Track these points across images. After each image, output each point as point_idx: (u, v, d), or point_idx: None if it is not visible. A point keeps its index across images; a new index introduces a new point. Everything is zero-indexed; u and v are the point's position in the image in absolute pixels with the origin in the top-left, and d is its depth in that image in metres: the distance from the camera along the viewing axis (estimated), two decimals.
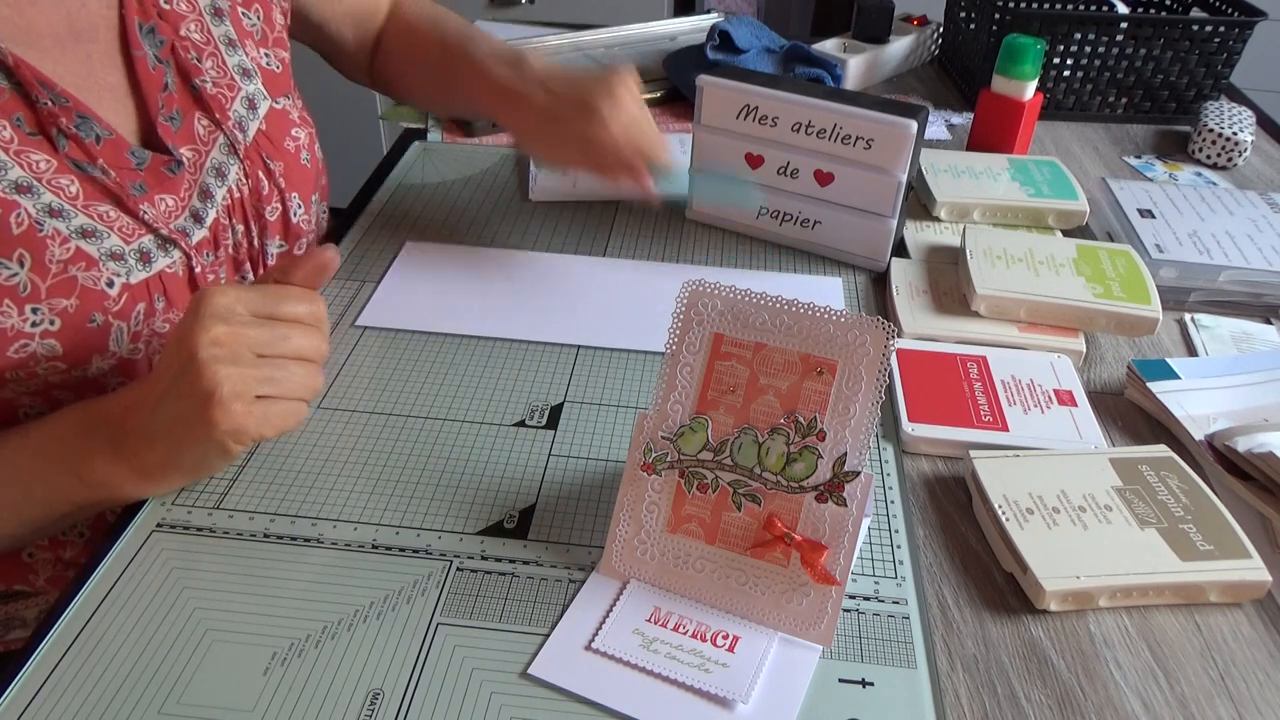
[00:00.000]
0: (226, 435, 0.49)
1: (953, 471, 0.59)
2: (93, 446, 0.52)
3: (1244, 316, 0.74)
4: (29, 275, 0.54)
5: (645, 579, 0.50)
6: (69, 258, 0.56)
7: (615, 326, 0.70)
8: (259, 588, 0.49)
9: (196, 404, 0.49)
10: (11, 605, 0.67)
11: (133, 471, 0.52)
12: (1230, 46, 1.02)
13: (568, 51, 1.16)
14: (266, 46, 0.71)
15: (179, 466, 0.52)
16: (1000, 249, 0.73)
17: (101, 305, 0.57)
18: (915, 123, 0.71)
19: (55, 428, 0.54)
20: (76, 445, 0.52)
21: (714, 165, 0.80)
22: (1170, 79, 1.05)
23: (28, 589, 0.66)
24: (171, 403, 0.50)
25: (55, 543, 0.65)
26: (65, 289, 0.56)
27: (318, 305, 0.54)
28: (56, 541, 0.65)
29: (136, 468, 0.52)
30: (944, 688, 0.46)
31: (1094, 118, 1.07)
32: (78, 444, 0.52)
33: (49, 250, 0.55)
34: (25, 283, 0.54)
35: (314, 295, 0.54)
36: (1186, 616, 0.50)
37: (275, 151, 0.70)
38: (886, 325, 0.46)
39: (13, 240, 0.54)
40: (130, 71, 0.61)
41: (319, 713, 0.44)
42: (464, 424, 0.61)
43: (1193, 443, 0.60)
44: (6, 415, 0.58)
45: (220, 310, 0.50)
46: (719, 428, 0.49)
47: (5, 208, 0.53)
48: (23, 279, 0.54)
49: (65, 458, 0.52)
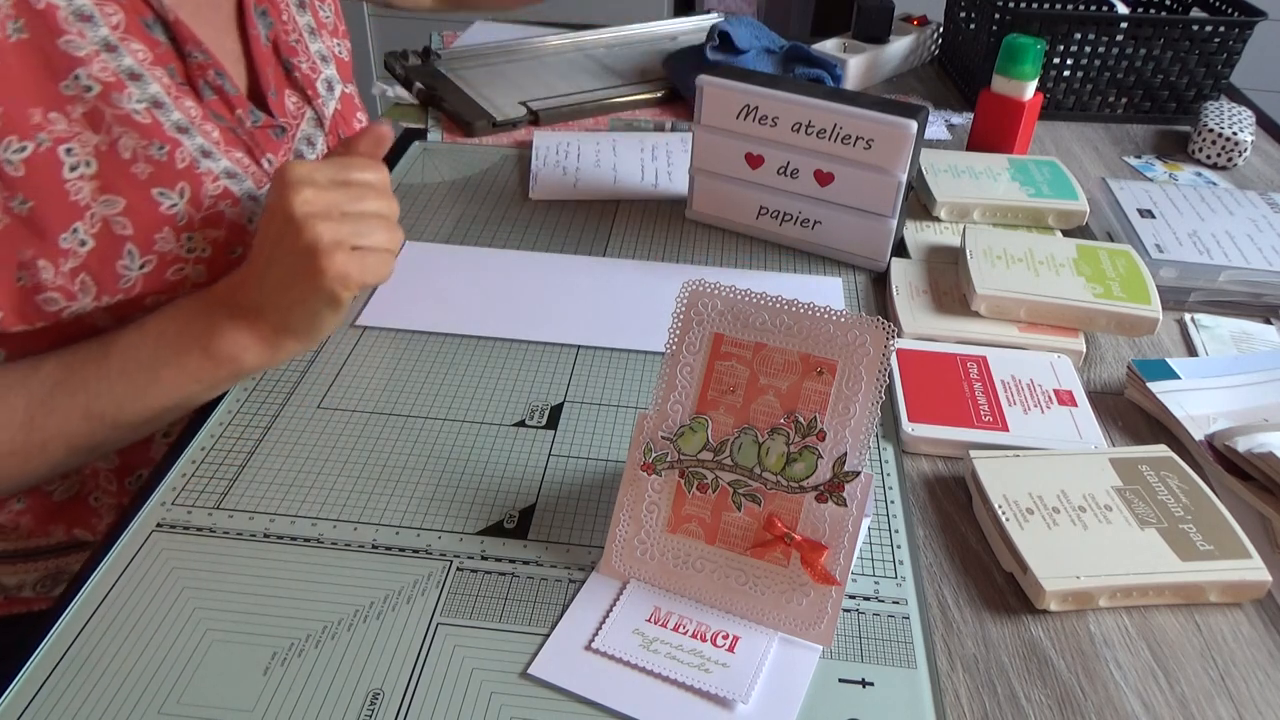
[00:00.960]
0: (334, 281, 0.55)
1: (953, 471, 0.59)
2: (214, 322, 0.58)
3: (1244, 316, 0.74)
4: (187, 206, 0.61)
5: (645, 579, 0.50)
6: (218, 194, 0.62)
7: (615, 326, 0.70)
8: (259, 588, 0.49)
9: (301, 258, 0.55)
10: (63, 559, 0.70)
11: (252, 340, 0.58)
12: (1230, 46, 1.02)
13: (568, 51, 1.17)
14: (337, 37, 0.79)
15: (291, 329, 0.58)
16: (1000, 249, 0.73)
17: (243, 239, 0.64)
18: (915, 123, 0.71)
19: (173, 315, 0.58)
20: (199, 325, 0.58)
21: (714, 165, 0.80)
22: (1170, 79, 1.05)
23: (86, 536, 0.69)
24: (277, 265, 0.56)
25: (121, 490, 0.69)
26: (215, 221, 0.62)
27: (382, 171, 0.60)
28: (122, 489, 0.69)
29: (255, 337, 0.58)
30: (944, 688, 0.46)
31: (1094, 118, 1.07)
32: (200, 323, 0.58)
33: (204, 186, 0.61)
34: (183, 213, 0.60)
35: (377, 163, 0.60)
36: (1186, 616, 0.50)
37: (347, 129, 0.77)
38: (886, 325, 0.46)
39: (177, 174, 0.60)
40: (244, 43, 0.68)
41: (319, 713, 0.44)
42: (464, 424, 0.61)
43: (1193, 443, 0.60)
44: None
45: (303, 177, 0.55)
46: (719, 428, 0.49)
47: (172, 145, 0.60)
48: (181, 210, 0.60)
49: (191, 338, 0.57)
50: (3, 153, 0.53)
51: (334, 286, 0.55)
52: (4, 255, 0.55)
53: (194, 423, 0.60)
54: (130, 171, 0.58)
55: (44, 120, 0.55)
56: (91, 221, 0.57)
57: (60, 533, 0.69)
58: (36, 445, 0.56)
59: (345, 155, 0.59)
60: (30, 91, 0.54)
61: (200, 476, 0.56)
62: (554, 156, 0.92)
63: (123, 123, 0.57)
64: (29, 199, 0.55)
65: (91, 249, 0.57)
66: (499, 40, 1.16)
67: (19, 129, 0.54)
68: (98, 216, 0.57)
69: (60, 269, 0.56)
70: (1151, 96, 1.06)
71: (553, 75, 1.10)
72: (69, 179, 0.56)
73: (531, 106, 1.01)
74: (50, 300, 0.57)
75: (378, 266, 0.57)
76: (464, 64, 1.11)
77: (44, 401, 0.56)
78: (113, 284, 0.58)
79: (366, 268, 0.56)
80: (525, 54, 1.15)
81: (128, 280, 0.59)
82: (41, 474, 0.59)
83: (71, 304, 0.58)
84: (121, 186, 0.58)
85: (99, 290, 0.58)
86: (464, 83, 1.06)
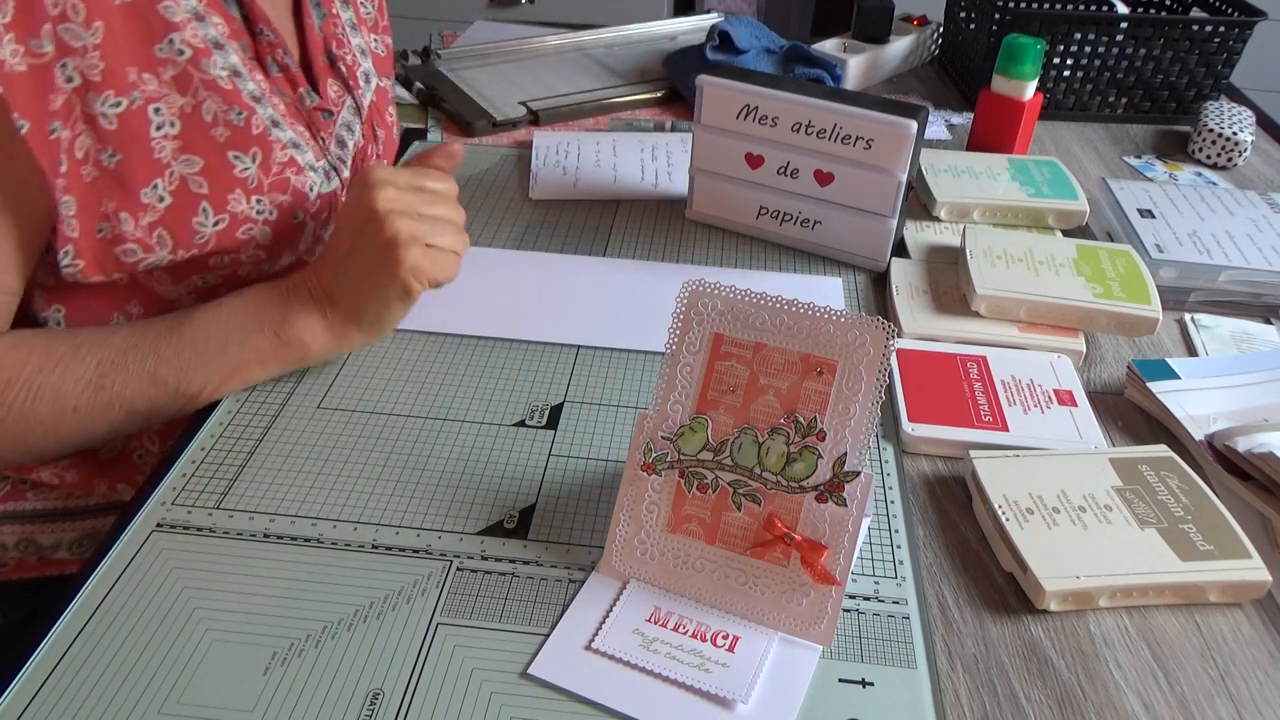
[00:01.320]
0: (410, 273, 0.59)
1: (953, 471, 0.59)
2: (289, 307, 0.61)
3: (1244, 316, 0.74)
4: (258, 171, 0.64)
5: (645, 579, 0.50)
6: (285, 161, 0.66)
7: (615, 326, 0.70)
8: (259, 588, 0.49)
9: (380, 250, 0.59)
10: (100, 520, 0.72)
11: (323, 327, 0.61)
12: (1230, 46, 1.02)
13: (568, 51, 1.17)
14: (376, 33, 0.82)
15: (361, 319, 0.62)
16: (1000, 249, 0.73)
17: (304, 205, 0.68)
18: (915, 123, 0.71)
19: (250, 296, 0.62)
20: (274, 308, 0.61)
21: (714, 165, 0.80)
22: (1170, 79, 1.05)
23: (127, 492, 0.71)
24: (358, 256, 0.60)
25: (162, 448, 0.72)
26: (281, 186, 0.66)
27: (452, 183, 0.65)
28: (163, 447, 0.72)
29: (325, 325, 0.61)
30: (944, 688, 0.46)
31: (1094, 118, 1.08)
32: (275, 307, 0.61)
33: (274, 153, 0.65)
34: (254, 176, 0.64)
35: (448, 175, 0.65)
36: (1186, 616, 0.50)
37: (380, 120, 0.80)
38: (886, 325, 0.46)
39: (251, 139, 0.64)
40: (298, 28, 0.71)
41: (319, 713, 0.44)
42: (464, 424, 0.61)
43: (1193, 443, 0.60)
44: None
45: (385, 178, 0.60)
46: (719, 428, 0.49)
47: (249, 111, 0.63)
48: (252, 173, 0.64)
49: (264, 318, 0.61)
50: (100, 106, 0.56)
51: (409, 278, 0.59)
52: (90, 207, 0.58)
53: (194, 423, 0.60)
54: (210, 134, 0.62)
55: (139, 79, 0.58)
56: (170, 179, 0.60)
57: (103, 488, 0.72)
58: (101, 405, 0.58)
59: (420, 166, 0.65)
60: (130, 52, 0.57)
61: (200, 476, 0.56)
62: (554, 156, 0.92)
63: (208, 87, 0.61)
64: (118, 152, 0.58)
65: (169, 205, 0.60)
66: (499, 40, 1.16)
67: (117, 85, 0.57)
68: (176, 174, 0.61)
69: (140, 222, 0.60)
70: (1151, 96, 1.07)
71: (553, 75, 1.10)
72: (154, 137, 0.59)
73: (531, 106, 1.01)
74: (129, 252, 0.60)
75: (447, 266, 0.62)
76: (464, 64, 1.11)
77: (115, 362, 0.58)
78: (188, 239, 0.62)
79: (438, 264, 0.61)
80: (525, 54, 1.15)
81: (202, 236, 0.62)
82: (99, 434, 0.60)
83: (149, 256, 0.61)
84: (201, 147, 0.61)
85: (175, 244, 0.61)
86: (464, 83, 1.06)
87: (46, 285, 0.62)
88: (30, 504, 0.70)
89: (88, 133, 0.57)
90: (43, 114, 0.54)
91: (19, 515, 0.71)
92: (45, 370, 0.57)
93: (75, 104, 0.56)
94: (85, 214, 0.58)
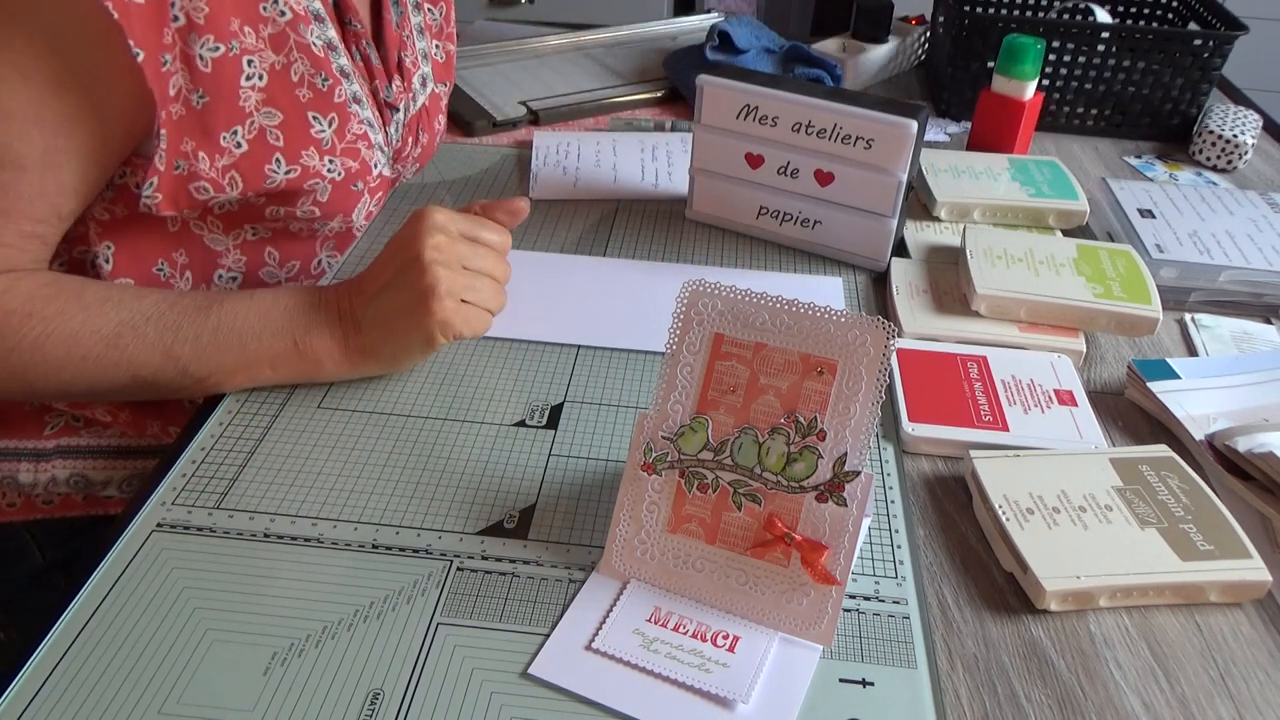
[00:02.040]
0: (437, 325, 0.59)
1: (953, 471, 0.59)
2: (316, 320, 0.61)
3: (1244, 316, 0.74)
4: (333, 135, 0.67)
5: (645, 579, 0.50)
6: (360, 134, 0.70)
7: (615, 326, 0.70)
8: (259, 588, 0.49)
9: (417, 296, 0.59)
10: (148, 461, 0.74)
11: (341, 351, 0.61)
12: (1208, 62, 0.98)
13: (568, 51, 1.17)
14: (439, 39, 0.83)
15: (379, 354, 0.61)
16: (1000, 249, 0.73)
17: (366, 177, 0.71)
18: (915, 122, 0.71)
19: (282, 298, 0.62)
20: (302, 317, 0.61)
21: (714, 165, 0.80)
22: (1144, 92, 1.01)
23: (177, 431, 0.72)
24: (393, 294, 0.60)
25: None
26: (352, 154, 0.69)
27: (507, 238, 0.66)
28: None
29: (345, 348, 0.61)
30: (944, 688, 0.46)
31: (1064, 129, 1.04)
32: (304, 316, 0.61)
33: (350, 124, 0.68)
34: (328, 139, 0.67)
35: (505, 230, 0.66)
36: (1186, 616, 0.50)
37: (427, 126, 0.81)
38: (886, 325, 0.46)
39: (332, 105, 0.67)
40: (375, 21, 0.73)
41: (319, 713, 0.44)
42: (464, 424, 0.61)
43: (1193, 443, 0.60)
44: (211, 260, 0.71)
45: (440, 224, 0.60)
46: (719, 428, 0.49)
47: (335, 81, 0.67)
48: (327, 136, 0.67)
49: (290, 324, 0.61)
50: (199, 48, 0.59)
51: (436, 330, 0.59)
52: (173, 144, 0.60)
53: (194, 423, 0.60)
54: (294, 93, 0.65)
55: (239, 31, 0.60)
56: (249, 128, 0.63)
57: (155, 429, 0.74)
58: (110, 363, 0.59)
59: (484, 214, 0.65)
60: (235, 3, 0.60)
61: (200, 476, 0.56)
62: (554, 156, 0.92)
63: (301, 50, 0.64)
64: (207, 94, 0.60)
65: (244, 152, 0.63)
66: (499, 40, 1.16)
67: (217, 31, 0.59)
68: (256, 124, 0.63)
69: (215, 163, 0.62)
70: (1123, 110, 1.02)
71: (553, 75, 1.10)
72: (243, 86, 0.62)
73: (531, 106, 1.01)
74: (201, 189, 0.62)
75: (477, 322, 0.62)
76: (464, 64, 1.11)
77: (136, 326, 0.59)
78: (259, 182, 0.64)
79: (468, 320, 0.60)
80: (525, 54, 1.15)
81: (273, 181, 0.65)
82: (100, 390, 0.61)
83: (219, 195, 0.63)
84: (284, 103, 0.64)
85: (245, 186, 0.64)
86: (464, 83, 1.06)
87: (102, 220, 0.65)
88: (84, 439, 0.73)
89: (182, 72, 0.59)
90: (157, 45, 0.56)
91: (73, 450, 0.73)
92: (68, 314, 0.58)
93: (177, 42, 0.58)
94: (170, 149, 0.60)
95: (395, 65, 0.75)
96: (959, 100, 1.05)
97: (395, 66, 0.75)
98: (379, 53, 0.73)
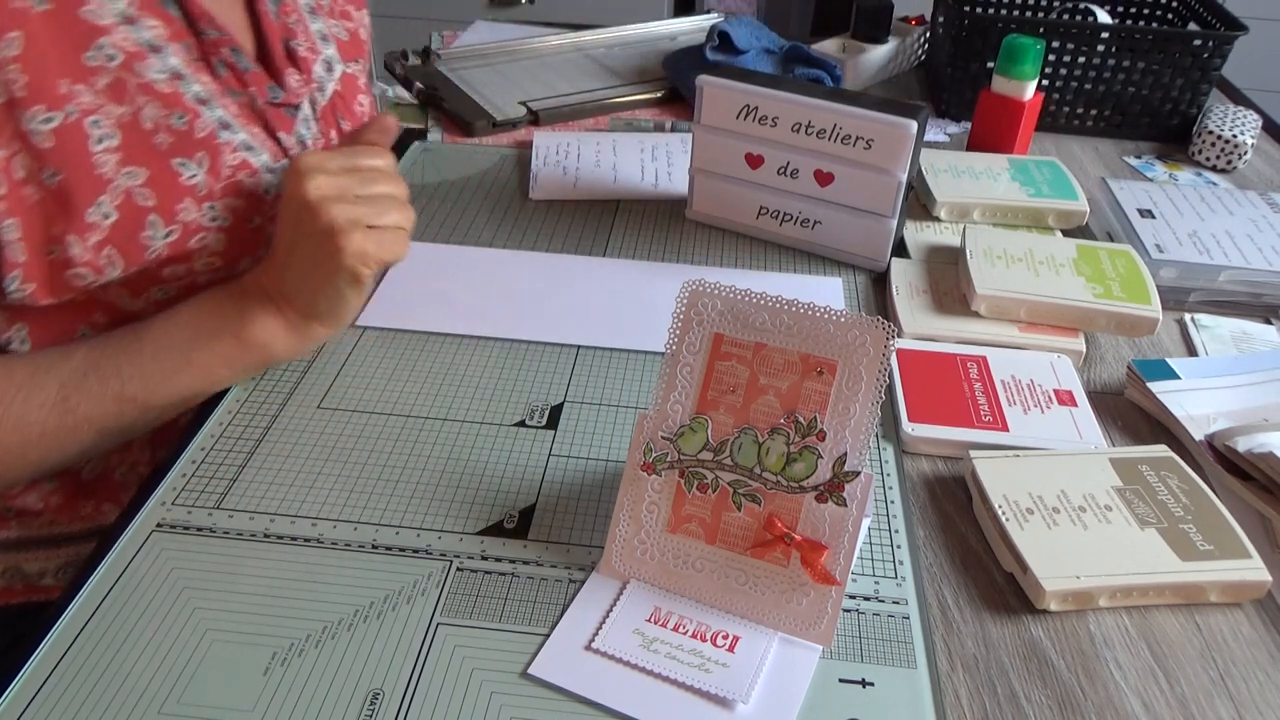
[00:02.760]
0: (354, 259, 0.57)
1: (953, 471, 0.59)
2: (246, 309, 0.60)
3: (1244, 316, 0.74)
4: (206, 176, 0.62)
5: (645, 579, 0.50)
6: (237, 164, 0.64)
7: (615, 326, 0.70)
8: (259, 588, 0.49)
9: (320, 240, 0.57)
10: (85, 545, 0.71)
11: (282, 327, 0.60)
12: (1208, 62, 0.98)
13: (568, 51, 1.17)
14: (334, 18, 0.78)
15: (318, 313, 0.61)
16: (1000, 249, 0.73)
17: (261, 209, 0.66)
18: (915, 122, 0.71)
19: (205, 302, 0.61)
20: (232, 312, 0.60)
21: (714, 165, 0.80)
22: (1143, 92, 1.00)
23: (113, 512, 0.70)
24: (300, 250, 0.58)
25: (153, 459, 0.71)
26: (234, 190, 0.64)
27: (389, 157, 0.62)
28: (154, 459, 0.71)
29: (285, 324, 0.60)
30: (944, 688, 0.46)
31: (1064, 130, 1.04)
32: (233, 310, 0.60)
33: (223, 156, 0.63)
34: (203, 183, 0.62)
35: (385, 150, 0.62)
36: (1186, 616, 0.50)
37: (346, 112, 0.77)
38: (886, 325, 0.46)
39: (196, 143, 0.61)
40: (250, 14, 0.68)
41: (319, 713, 0.44)
42: (464, 424, 0.61)
43: (1193, 443, 0.60)
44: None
45: (314, 165, 0.58)
46: (719, 428, 0.49)
47: (192, 115, 0.61)
48: (201, 179, 0.62)
49: (224, 323, 0.60)
50: (31, 122, 0.54)
51: (354, 264, 0.57)
52: (37, 230, 0.56)
53: (194, 423, 0.60)
54: (152, 142, 0.59)
55: (71, 92, 0.55)
56: (115, 194, 0.58)
57: (88, 510, 0.71)
58: (69, 428, 0.57)
59: (353, 144, 0.62)
60: (57, 62, 0.55)
61: (200, 476, 0.56)
62: (554, 156, 0.92)
63: (145, 92, 0.58)
64: (59, 171, 0.56)
65: (115, 221, 0.58)
66: (499, 40, 1.16)
67: (47, 99, 0.54)
68: (120, 188, 0.58)
69: (87, 243, 0.57)
70: (1123, 110, 1.02)
71: (553, 75, 1.10)
72: (95, 152, 0.57)
73: (531, 106, 1.01)
74: (79, 275, 0.58)
75: (394, 244, 0.60)
76: (464, 64, 1.11)
77: (78, 385, 0.57)
78: (139, 254, 0.60)
79: (383, 245, 0.59)
80: (525, 54, 1.15)
81: (153, 250, 0.60)
82: (71, 456, 0.60)
83: (99, 277, 0.59)
84: (144, 157, 0.59)
85: (126, 263, 0.59)
86: (464, 83, 1.06)
87: (7, 307, 0.59)
88: (14, 532, 0.70)
89: (24, 152, 0.54)
90: None
91: (3, 544, 0.70)
92: (6, 398, 0.56)
93: (5, 122, 0.53)
94: (33, 236, 0.56)
95: (286, 58, 0.69)
96: (959, 100, 1.05)
97: (287, 59, 0.69)
98: (262, 50, 0.68)
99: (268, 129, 0.66)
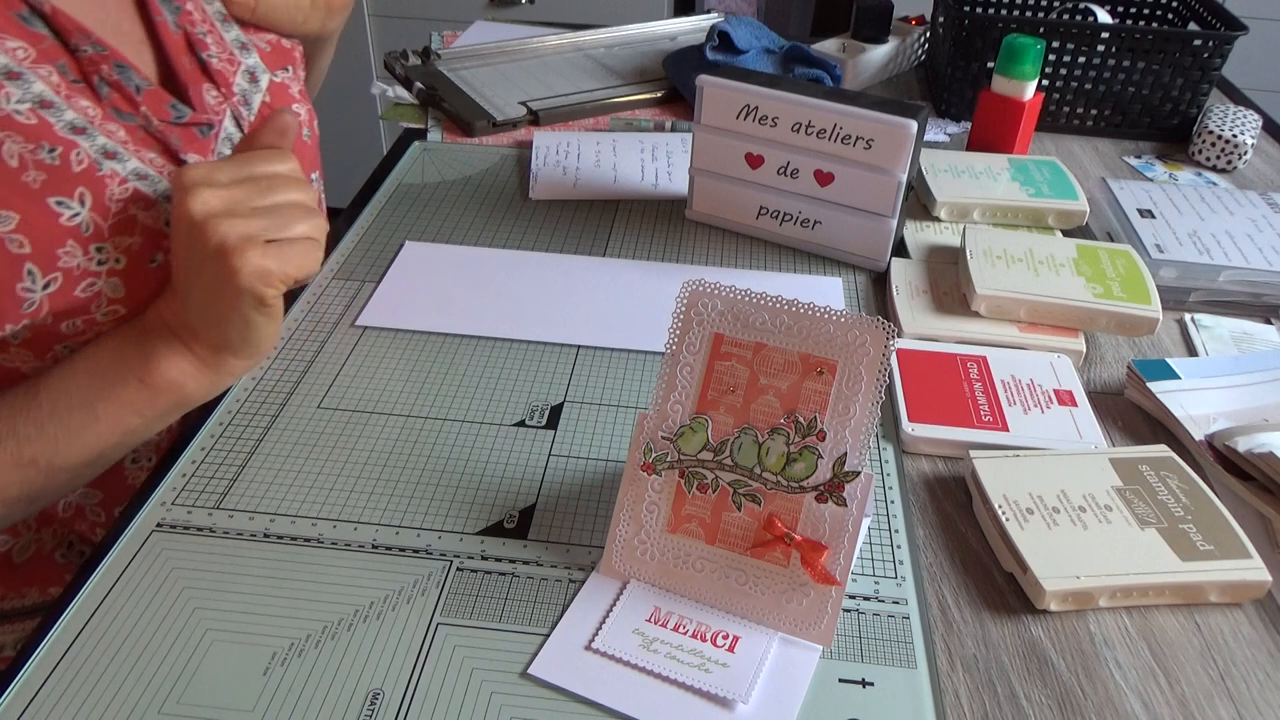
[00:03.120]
0: (253, 279, 0.51)
1: (953, 471, 0.59)
2: (150, 350, 0.54)
3: (1244, 316, 0.74)
4: (90, 214, 0.54)
5: (645, 579, 0.50)
6: (128, 197, 0.56)
7: (615, 326, 0.70)
8: (259, 588, 0.49)
9: (214, 264, 0.51)
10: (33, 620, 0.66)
11: (192, 364, 0.55)
12: (1208, 62, 0.98)
13: (568, 51, 1.17)
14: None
15: (229, 344, 0.55)
16: (1000, 249, 0.73)
17: (161, 245, 0.58)
18: (915, 122, 0.71)
19: (105, 347, 0.55)
20: (134, 355, 0.54)
21: (714, 165, 0.80)
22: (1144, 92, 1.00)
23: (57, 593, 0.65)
24: (196, 277, 0.52)
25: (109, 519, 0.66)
26: (127, 227, 0.56)
27: (291, 160, 0.55)
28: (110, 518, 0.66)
29: (195, 361, 0.55)
30: (944, 688, 0.46)
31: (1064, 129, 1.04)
32: (135, 353, 0.54)
33: (109, 189, 0.55)
34: (87, 222, 0.54)
35: (285, 153, 0.55)
36: (1186, 616, 0.50)
37: None
38: (886, 325, 0.46)
39: (74, 178, 0.54)
40: (147, 25, 0.61)
41: (319, 713, 0.44)
42: (464, 424, 0.61)
43: (1193, 443, 0.60)
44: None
45: (199, 179, 0.51)
46: (719, 428, 0.49)
47: (66, 146, 0.53)
48: (84, 218, 0.54)
49: (126, 369, 0.54)
50: None
51: (253, 285, 0.51)
52: None
53: (194, 423, 0.60)
54: (20, 181, 0.52)
55: None
56: None
57: (34, 593, 0.66)
58: None
59: (247, 150, 0.55)
60: None
61: (200, 476, 0.56)
62: (554, 156, 0.92)
63: (4, 126, 0.51)
64: None
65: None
66: (499, 40, 1.16)
67: None
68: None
69: None
70: (1123, 110, 1.02)
71: (553, 75, 1.10)
72: None
73: (531, 106, 1.01)
74: None
75: (301, 258, 0.53)
76: (464, 64, 1.11)
77: None
78: (15, 310, 0.53)
79: (287, 259, 0.52)
80: (525, 54, 1.15)
81: (31, 304, 0.53)
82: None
83: None
84: (12, 200, 0.51)
85: (1, 320, 0.53)
86: (464, 83, 1.06)
87: None
88: None
89: None
90: None
91: None
92: None
93: None
94: None
95: (199, 71, 0.62)
96: (959, 100, 1.05)
97: (200, 73, 0.62)
98: (163, 68, 0.61)
99: (168, 153, 0.59)
